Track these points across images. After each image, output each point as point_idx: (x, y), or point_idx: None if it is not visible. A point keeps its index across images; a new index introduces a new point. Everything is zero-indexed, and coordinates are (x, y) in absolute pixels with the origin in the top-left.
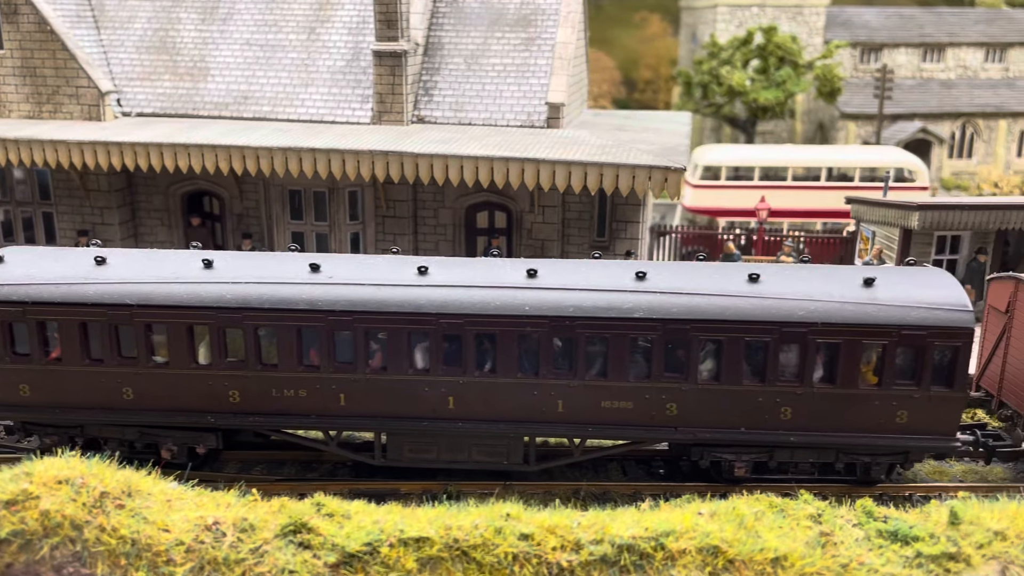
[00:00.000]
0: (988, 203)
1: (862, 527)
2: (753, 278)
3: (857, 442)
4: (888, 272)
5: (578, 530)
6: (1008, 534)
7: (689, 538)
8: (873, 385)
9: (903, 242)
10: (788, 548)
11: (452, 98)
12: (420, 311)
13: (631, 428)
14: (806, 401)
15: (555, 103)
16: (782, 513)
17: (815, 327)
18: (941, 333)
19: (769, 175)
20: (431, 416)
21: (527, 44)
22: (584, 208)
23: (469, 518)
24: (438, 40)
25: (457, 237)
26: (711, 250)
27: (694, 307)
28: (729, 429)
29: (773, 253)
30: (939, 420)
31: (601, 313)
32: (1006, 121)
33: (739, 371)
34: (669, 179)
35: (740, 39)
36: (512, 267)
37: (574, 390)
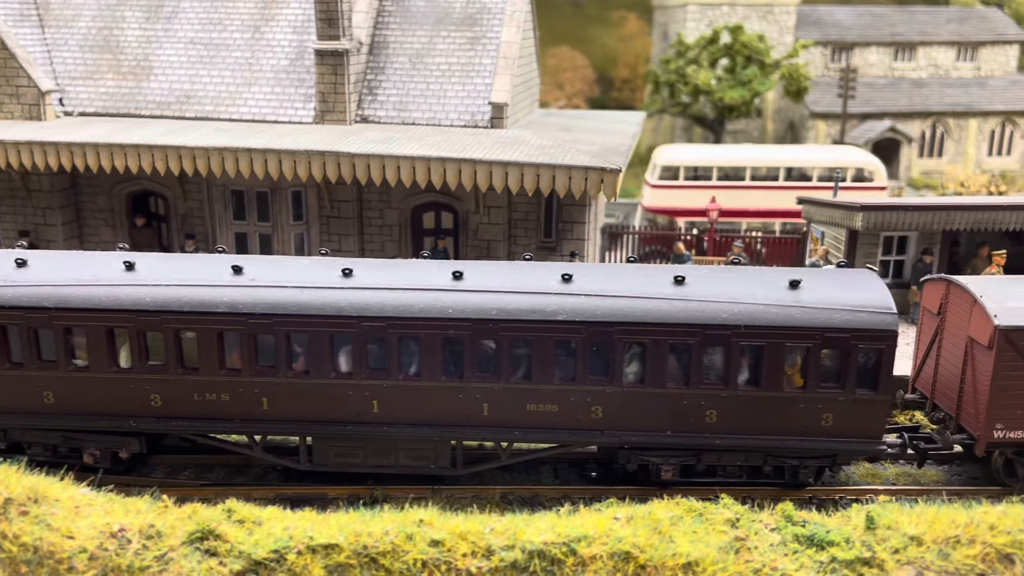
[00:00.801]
0: (932, 204)
1: (780, 532)
2: (679, 280)
3: (784, 445)
4: (816, 274)
5: (490, 536)
6: (925, 539)
7: (602, 543)
8: (798, 388)
9: (849, 243)
10: (701, 553)
11: (396, 97)
12: (342, 314)
13: (557, 431)
14: (731, 404)
15: (498, 103)
16: (701, 517)
17: (738, 330)
18: (865, 336)
19: (728, 175)
20: (355, 420)
21: (472, 43)
22: (531, 209)
23: (382, 524)
24: (383, 39)
25: (403, 238)
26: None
27: (618, 309)
28: (655, 432)
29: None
30: (865, 423)
31: (524, 315)
32: (976, 120)
33: (664, 374)
34: (605, 180)
35: (707, 38)
36: (439, 269)
37: (499, 393)
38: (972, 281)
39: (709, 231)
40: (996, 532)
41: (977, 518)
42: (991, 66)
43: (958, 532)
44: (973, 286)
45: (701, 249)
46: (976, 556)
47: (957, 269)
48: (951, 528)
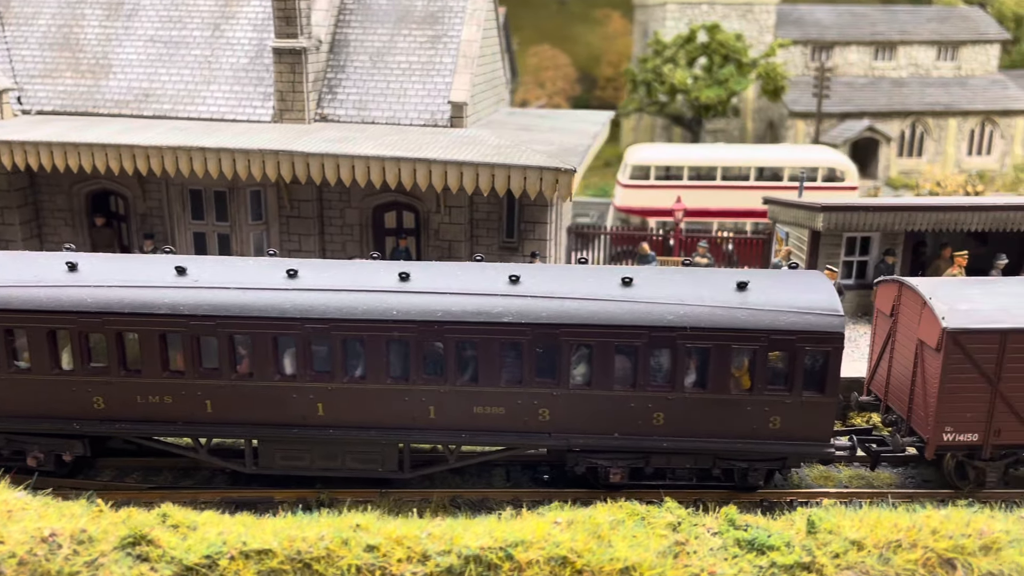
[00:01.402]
0: (893, 204)
1: (721, 536)
2: (626, 282)
3: (732, 448)
4: (764, 276)
5: (427, 541)
6: (866, 543)
7: (539, 548)
8: (745, 390)
9: (811, 243)
10: (639, 558)
11: (356, 96)
12: (285, 316)
13: (505, 434)
14: (678, 406)
15: (458, 102)
16: (643, 521)
17: (684, 331)
18: (811, 338)
19: (699, 175)
20: (301, 423)
21: (433, 42)
22: (492, 209)
23: (318, 529)
24: (344, 37)
25: (365, 238)
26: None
27: (564, 311)
28: (602, 435)
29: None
30: (812, 426)
31: (470, 317)
32: (956, 120)
33: (610, 376)
34: (560, 180)
35: (683, 37)
36: (385, 270)
37: (445, 396)
38: (923, 283)
39: (675, 231)
40: (938, 536)
41: (920, 522)
42: (972, 65)
43: (900, 536)
44: (923, 288)
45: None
46: (917, 561)
47: (923, 270)
48: (893, 532)
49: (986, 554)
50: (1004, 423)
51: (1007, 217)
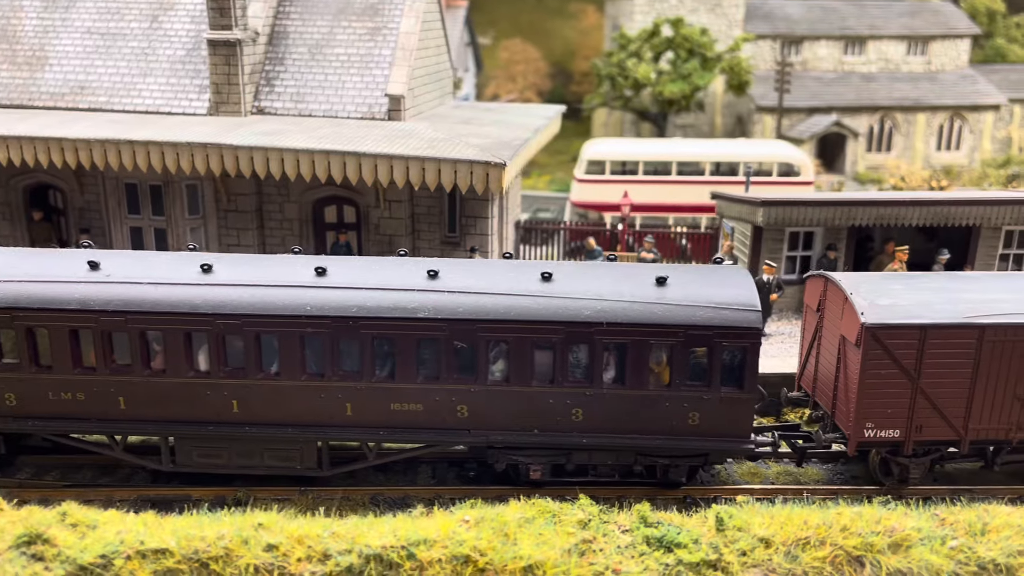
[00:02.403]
0: (834, 199)
1: (632, 533)
2: (546, 277)
3: (652, 444)
4: (685, 271)
5: (329, 540)
6: (775, 540)
7: (442, 547)
8: (664, 386)
9: (754, 238)
10: (544, 556)
11: (294, 88)
12: (197, 311)
13: (423, 431)
14: (596, 402)
15: (395, 95)
16: (555, 519)
17: (601, 327)
18: (728, 333)
19: (655, 169)
20: (216, 420)
21: (372, 34)
22: (433, 203)
23: (219, 528)
24: (283, 29)
25: (305, 232)
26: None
27: (480, 307)
28: (522, 431)
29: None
30: (731, 422)
31: (386, 313)
32: (924, 115)
33: (528, 372)
34: (491, 174)
35: (648, 31)
36: (303, 265)
37: (362, 392)
38: (845, 277)
39: (622, 227)
40: (848, 534)
41: (831, 519)
42: (942, 60)
43: (810, 534)
44: (845, 283)
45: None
46: (825, 558)
47: (867, 264)
48: (803, 530)
49: (895, 552)
50: (926, 419)
51: (947, 212)
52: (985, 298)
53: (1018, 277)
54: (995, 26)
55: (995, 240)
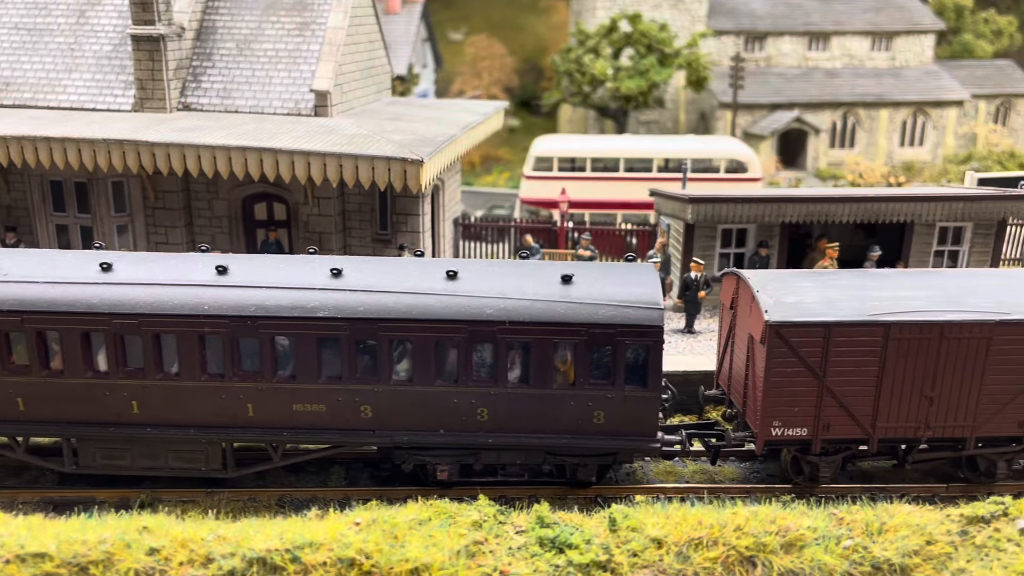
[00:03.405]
0: (764, 196)
1: (526, 534)
2: (451, 276)
3: (558, 443)
4: (592, 269)
5: (213, 543)
6: (667, 541)
7: (329, 550)
8: (568, 385)
9: (686, 235)
10: (431, 558)
11: (221, 84)
12: (94, 311)
13: (327, 432)
14: (502, 402)
15: (321, 90)
16: (450, 520)
17: (503, 326)
18: (630, 331)
19: (603, 166)
20: (116, 421)
21: (301, 29)
22: (364, 200)
23: (102, 531)
24: (212, 24)
25: (234, 229)
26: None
27: (382, 306)
28: (428, 432)
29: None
30: (637, 420)
31: (285, 312)
32: (887, 111)
33: (432, 372)
34: (408, 171)
35: (606, 27)
36: (205, 264)
37: (264, 393)
38: (754, 275)
39: (561, 223)
40: (741, 534)
41: (725, 519)
42: (906, 56)
43: (702, 534)
44: (754, 280)
45: (555, 241)
46: (716, 559)
47: (801, 261)
48: (697, 530)
49: (789, 552)
50: (833, 418)
51: (878, 208)
52: (893, 295)
53: (931, 274)
54: (963, 22)
55: (929, 237)
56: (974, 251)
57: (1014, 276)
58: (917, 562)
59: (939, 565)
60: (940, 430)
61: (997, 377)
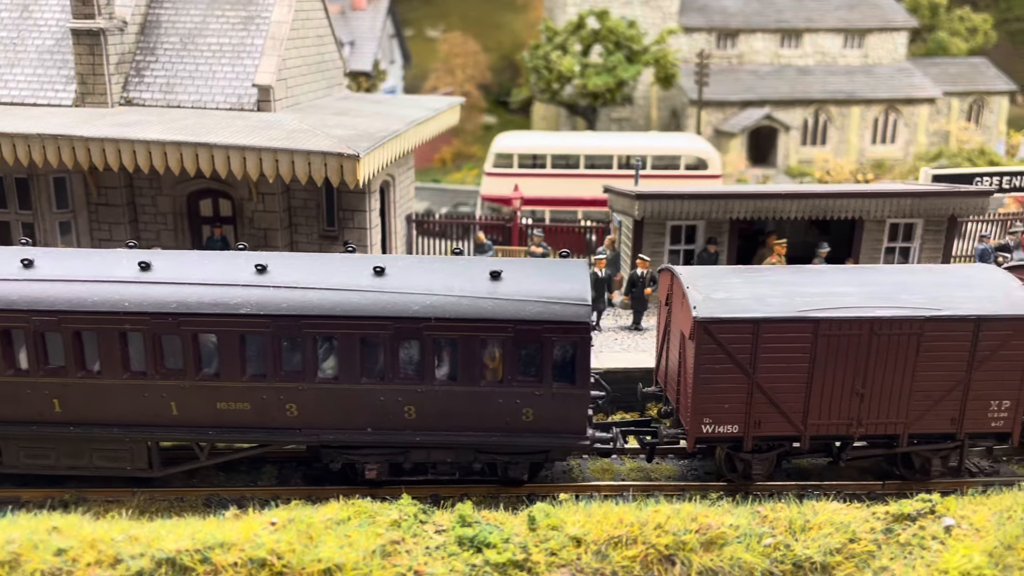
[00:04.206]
0: (711, 192)
1: (446, 533)
2: (379, 272)
3: (488, 441)
4: (523, 265)
5: (123, 543)
6: (587, 539)
7: (240, 550)
8: (495, 382)
9: (635, 231)
10: (345, 558)
11: (164, 79)
12: (13, 308)
13: (252, 430)
14: (429, 400)
15: (264, 85)
16: (370, 519)
17: (429, 322)
18: (557, 328)
19: (563, 163)
20: (39, 420)
21: (246, 23)
22: (310, 196)
23: (11, 532)
24: (156, 18)
25: (179, 226)
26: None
27: (307, 302)
28: (355, 430)
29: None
30: (565, 418)
31: (207, 309)
32: (859, 108)
33: (358, 369)
34: (344, 166)
35: (574, 24)
36: (128, 260)
37: (187, 391)
38: (686, 271)
39: (514, 220)
40: (662, 532)
41: (647, 517)
42: (879, 53)
43: (622, 532)
44: (686, 276)
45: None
46: (635, 557)
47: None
48: (618, 528)
49: (708, 550)
50: (764, 415)
51: (825, 205)
52: (823, 292)
53: (865, 271)
54: (938, 19)
55: (880, 233)
56: (925, 247)
57: (948, 272)
58: (839, 560)
59: (861, 563)
60: (873, 427)
61: (928, 374)
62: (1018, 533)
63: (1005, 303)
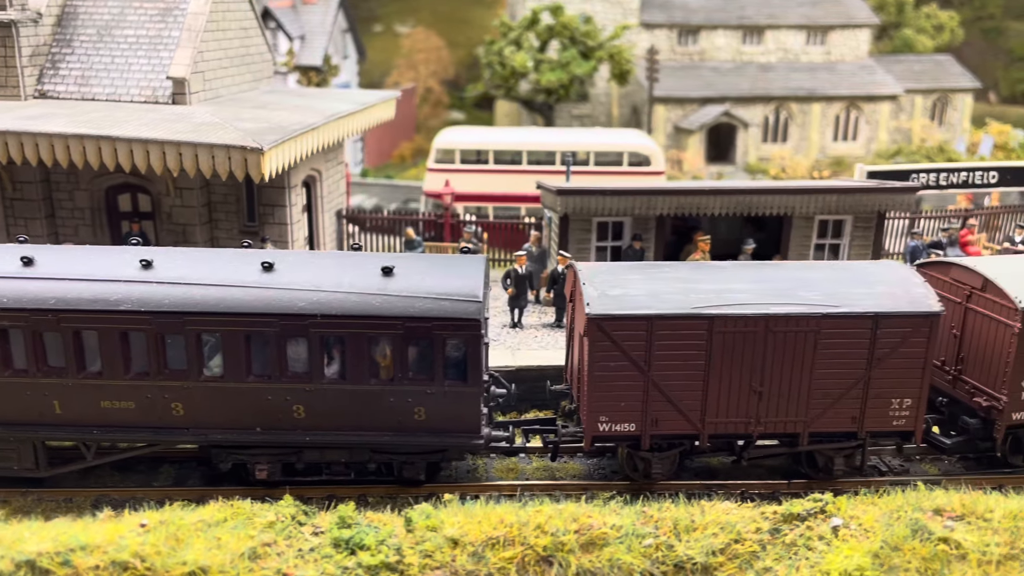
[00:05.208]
0: (633, 189)
1: (323, 535)
2: (267, 267)
3: (380, 441)
4: (416, 261)
5: None
6: (464, 541)
7: (104, 552)
8: (387, 381)
9: (561, 228)
10: (212, 561)
11: (79, 71)
12: None
13: (138, 430)
14: (318, 399)
15: (178, 77)
16: (248, 521)
17: (315, 319)
18: (448, 325)
19: (507, 159)
20: None
21: (164, 15)
22: (230, 191)
23: None
24: (74, 10)
25: (98, 221)
26: (434, 235)
27: (189, 299)
28: (243, 430)
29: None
30: (458, 417)
31: (86, 306)
32: (820, 105)
33: (244, 367)
34: (248, 160)
35: (528, 19)
36: (9, 255)
37: (70, 390)
38: (586, 268)
39: (445, 216)
40: (541, 533)
41: (528, 518)
42: (842, 50)
43: (501, 533)
44: (585, 272)
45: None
46: (512, 559)
47: (677, 254)
48: (497, 528)
49: (588, 551)
50: (661, 413)
51: (749, 201)
52: (720, 288)
53: (766, 267)
54: (904, 16)
55: (809, 230)
56: (854, 244)
57: (849, 269)
58: (721, 560)
59: (744, 564)
60: (772, 425)
61: (827, 372)
62: (905, 534)
63: (904, 300)
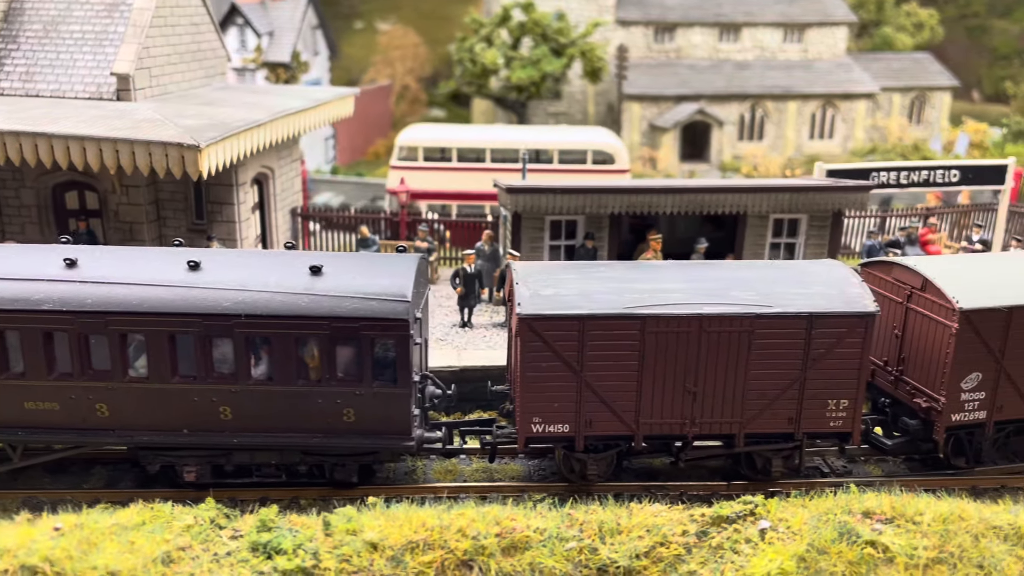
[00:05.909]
0: (583, 187)
1: (241, 539)
2: (193, 266)
3: (309, 443)
4: (347, 260)
5: None
6: (383, 544)
7: (13, 556)
8: (315, 382)
9: (514, 226)
10: (123, 565)
11: (24, 68)
12: None
13: (63, 431)
14: (244, 400)
15: (122, 73)
16: (166, 524)
17: (239, 319)
18: (375, 325)
19: (471, 156)
20: None
21: (110, 11)
22: (178, 189)
23: None
24: (20, 5)
25: (44, 219)
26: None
27: (112, 298)
28: (170, 431)
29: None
30: (388, 418)
31: (7, 305)
32: (795, 103)
33: (169, 368)
34: (186, 157)
35: (499, 16)
36: None
37: None
38: (521, 267)
39: (401, 214)
40: (462, 536)
41: (450, 521)
42: (819, 48)
43: (422, 537)
44: (519, 272)
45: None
46: (432, 563)
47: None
48: (419, 532)
49: (509, 554)
50: (594, 414)
51: (700, 200)
52: (653, 288)
53: (702, 266)
54: (884, 14)
55: (764, 229)
56: (810, 243)
57: (787, 268)
58: (645, 564)
59: (668, 567)
60: (708, 426)
61: (762, 372)
62: (833, 536)
63: (840, 300)
